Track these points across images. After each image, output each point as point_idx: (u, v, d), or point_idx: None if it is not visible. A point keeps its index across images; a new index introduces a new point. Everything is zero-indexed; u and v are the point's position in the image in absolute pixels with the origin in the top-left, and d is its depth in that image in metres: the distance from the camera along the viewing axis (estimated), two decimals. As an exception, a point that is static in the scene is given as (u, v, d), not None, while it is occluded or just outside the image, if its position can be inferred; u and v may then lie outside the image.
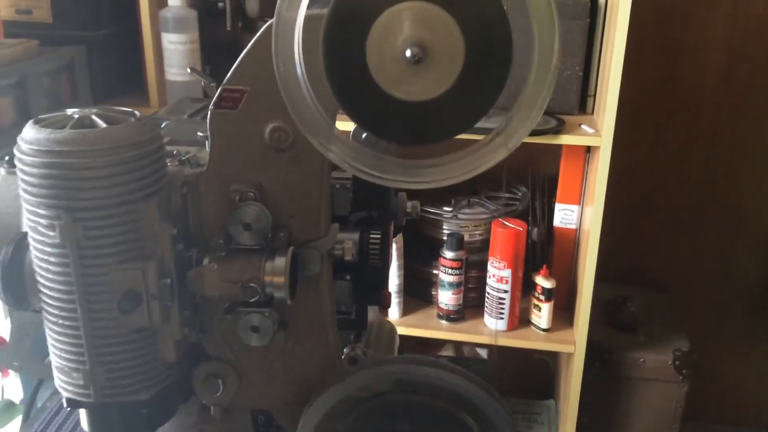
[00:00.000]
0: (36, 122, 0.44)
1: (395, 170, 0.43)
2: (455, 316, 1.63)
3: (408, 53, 0.40)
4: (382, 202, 0.66)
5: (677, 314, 1.82)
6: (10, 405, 0.98)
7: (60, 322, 0.46)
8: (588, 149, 1.54)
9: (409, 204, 0.69)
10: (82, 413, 0.49)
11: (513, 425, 0.49)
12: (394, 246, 1.55)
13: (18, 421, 1.16)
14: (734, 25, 1.73)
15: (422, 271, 1.69)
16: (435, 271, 1.64)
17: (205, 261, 0.46)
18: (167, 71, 1.58)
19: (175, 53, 1.56)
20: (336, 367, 0.52)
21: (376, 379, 0.50)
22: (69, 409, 0.48)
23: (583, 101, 1.55)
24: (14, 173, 0.54)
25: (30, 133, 0.43)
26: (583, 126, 1.47)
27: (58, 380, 0.48)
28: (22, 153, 0.43)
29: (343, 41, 0.41)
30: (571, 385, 1.60)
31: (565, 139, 1.44)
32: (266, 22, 1.45)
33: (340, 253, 0.52)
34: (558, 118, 1.49)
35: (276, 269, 0.46)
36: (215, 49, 1.63)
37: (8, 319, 1.17)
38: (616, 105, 1.37)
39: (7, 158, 0.54)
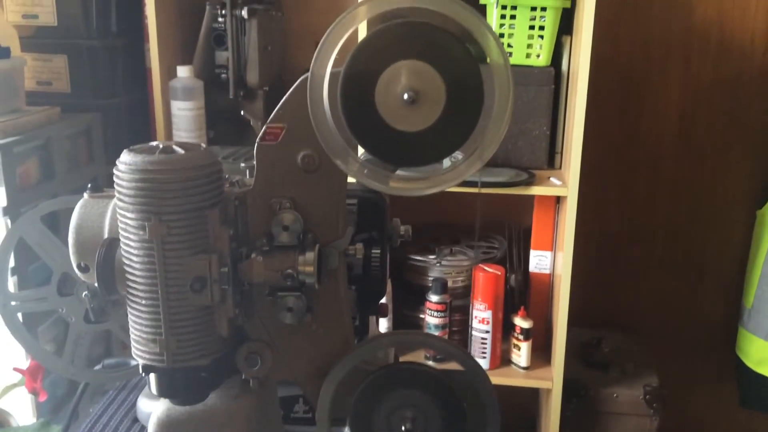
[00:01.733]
0: (130, 150, 0.59)
1: (397, 183, 0.59)
2: (441, 357, 1.76)
3: (405, 96, 0.56)
4: (381, 225, 0.82)
5: (648, 354, 1.94)
6: (45, 424, 1.09)
7: (143, 302, 0.60)
8: (557, 200, 1.71)
9: (402, 227, 0.84)
10: (152, 378, 0.63)
11: (488, 381, 0.63)
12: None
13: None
14: (686, 89, 1.92)
15: (410, 316, 1.83)
16: (422, 315, 1.77)
17: (253, 255, 0.62)
18: (175, 134, 1.73)
19: (182, 119, 1.71)
20: (350, 346, 0.66)
21: (377, 350, 0.64)
22: (143, 374, 0.62)
23: (552, 157, 1.72)
24: (96, 197, 0.69)
25: (127, 158, 0.59)
26: (551, 179, 1.63)
27: (136, 350, 0.62)
28: (121, 172, 0.59)
29: (357, 89, 0.57)
30: (550, 421, 1.72)
31: (536, 190, 1.60)
32: (264, 90, 1.63)
33: (353, 252, 0.66)
34: (529, 172, 1.65)
35: (307, 261, 0.61)
36: (219, 114, 1.80)
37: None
38: (579, 159, 1.54)
39: (90, 185, 0.69)
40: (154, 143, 0.61)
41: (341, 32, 0.56)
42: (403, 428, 0.64)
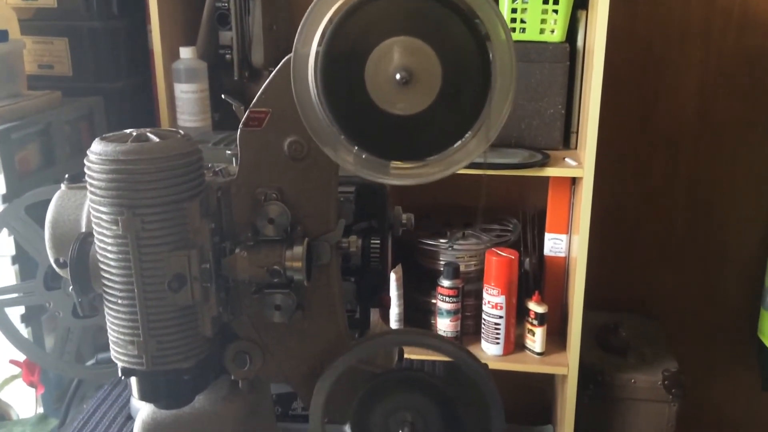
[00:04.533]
0: (102, 139, 0.55)
1: (399, 171, 0.54)
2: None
3: (398, 76, 0.51)
4: (380, 214, 0.77)
5: (666, 339, 1.90)
6: (43, 417, 1.06)
7: (119, 301, 0.56)
8: (573, 182, 1.65)
9: (404, 216, 0.79)
10: (133, 382, 0.59)
11: (491, 380, 0.59)
12: (393, 276, 1.65)
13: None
14: (706, 65, 1.85)
15: (421, 301, 1.79)
16: (433, 300, 1.73)
17: (237, 250, 0.57)
18: (179, 118, 1.69)
19: (186, 101, 1.68)
20: (345, 344, 0.62)
21: (372, 351, 0.60)
22: (123, 377, 0.58)
23: (567, 137, 1.67)
24: (74, 188, 0.65)
25: (98, 147, 0.54)
26: (567, 159, 1.58)
27: (115, 353, 0.58)
28: (92, 162, 0.54)
29: (342, 70, 0.52)
30: (566, 407, 1.68)
31: (550, 171, 1.55)
32: (270, 71, 1.58)
33: (347, 245, 0.62)
34: (544, 153, 1.60)
35: (295, 256, 0.57)
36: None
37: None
38: (596, 139, 1.49)
39: (67, 176, 0.65)
40: (127, 131, 0.57)
41: (327, 6, 0.51)
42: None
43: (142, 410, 0.65)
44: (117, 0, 1.73)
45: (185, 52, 1.65)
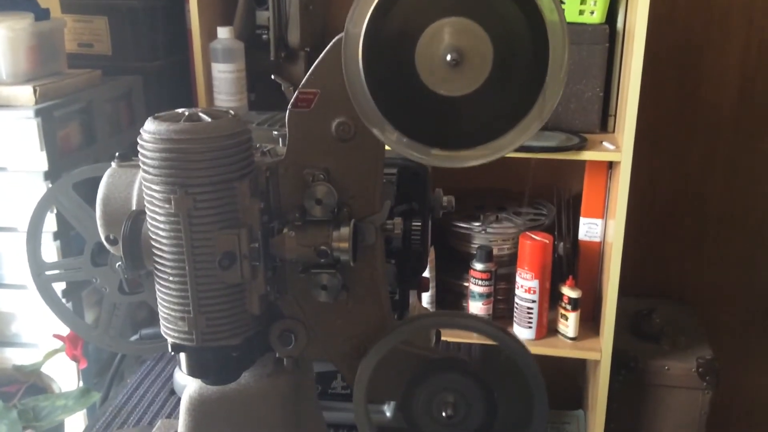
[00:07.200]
0: (155, 118, 0.56)
1: (441, 152, 0.54)
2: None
3: (448, 57, 0.51)
4: (422, 196, 0.77)
5: (701, 326, 1.88)
6: (86, 391, 1.09)
7: (170, 278, 0.57)
8: (610, 165, 1.64)
9: (444, 198, 0.79)
10: (182, 357, 0.60)
11: (535, 366, 0.59)
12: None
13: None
14: (748, 49, 1.82)
15: (454, 284, 1.79)
16: (466, 284, 1.74)
17: (285, 230, 0.58)
18: (216, 98, 1.71)
19: (223, 81, 1.69)
20: (387, 325, 0.63)
21: (417, 331, 0.61)
22: (172, 353, 0.59)
23: (605, 121, 1.65)
24: (124, 167, 0.66)
25: (152, 126, 0.55)
26: (604, 143, 1.56)
27: (165, 328, 0.59)
28: (145, 141, 0.55)
29: (392, 49, 0.52)
30: (598, 393, 1.68)
31: (587, 155, 1.54)
32: (306, 52, 1.57)
33: (391, 227, 0.62)
34: (581, 136, 1.59)
35: (341, 236, 0.57)
36: (260, 77, 1.76)
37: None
38: (634, 123, 1.47)
39: (117, 154, 0.66)
40: (180, 110, 0.57)
41: (379, -13, 0.51)
42: (444, 414, 0.60)
43: (189, 386, 0.66)
44: (156, -21, 1.75)
45: (222, 32, 1.65)
